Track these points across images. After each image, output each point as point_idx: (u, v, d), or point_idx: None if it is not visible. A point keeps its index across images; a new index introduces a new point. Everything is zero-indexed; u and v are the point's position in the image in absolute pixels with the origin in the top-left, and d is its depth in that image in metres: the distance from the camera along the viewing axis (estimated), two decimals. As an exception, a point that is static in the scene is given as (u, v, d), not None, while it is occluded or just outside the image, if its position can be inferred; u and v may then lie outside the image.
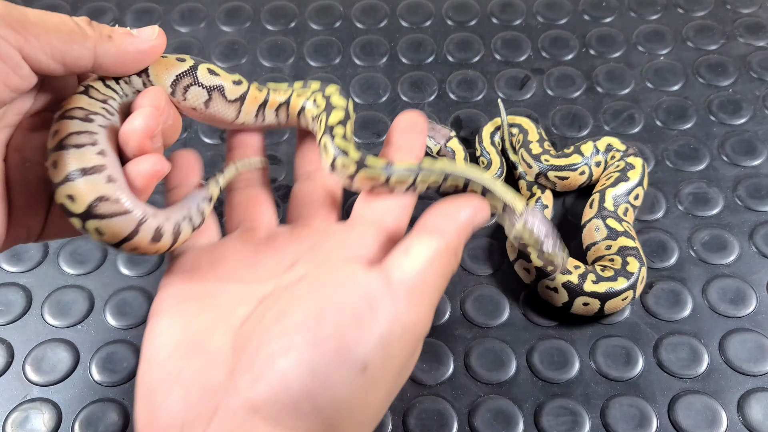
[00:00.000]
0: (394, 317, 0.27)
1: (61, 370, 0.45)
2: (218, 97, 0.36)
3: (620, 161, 0.51)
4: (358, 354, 0.26)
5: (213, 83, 0.35)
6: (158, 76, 0.34)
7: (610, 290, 0.44)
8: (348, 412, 0.26)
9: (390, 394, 0.29)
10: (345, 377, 0.26)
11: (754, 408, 0.43)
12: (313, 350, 0.26)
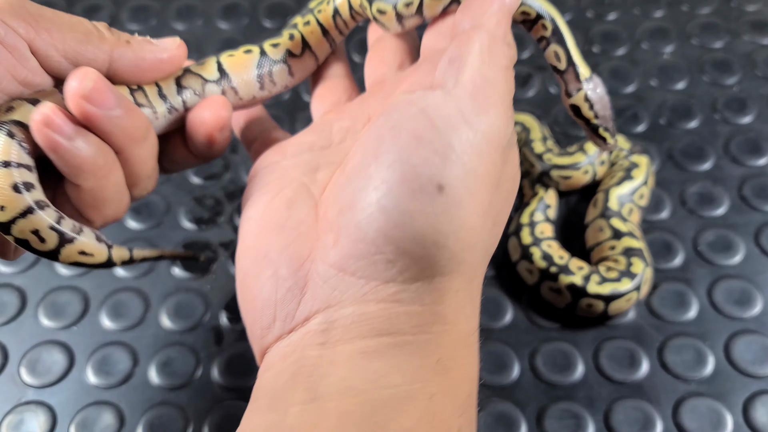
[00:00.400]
0: (461, 126, 0.24)
1: (56, 372, 0.44)
2: (293, 61, 0.36)
3: (625, 160, 0.51)
4: (427, 174, 0.24)
5: (281, 53, 0.36)
6: (239, 75, 0.35)
7: (614, 292, 0.44)
8: (436, 242, 0.24)
9: (490, 213, 0.25)
10: (420, 204, 0.23)
11: (760, 411, 0.42)
12: (378, 187, 0.24)
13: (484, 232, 0.25)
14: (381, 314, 0.24)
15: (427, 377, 0.23)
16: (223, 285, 0.48)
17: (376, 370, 0.23)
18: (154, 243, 0.50)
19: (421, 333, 0.24)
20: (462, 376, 0.24)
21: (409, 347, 0.23)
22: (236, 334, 0.46)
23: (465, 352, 0.24)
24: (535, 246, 0.47)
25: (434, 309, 0.24)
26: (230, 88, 0.35)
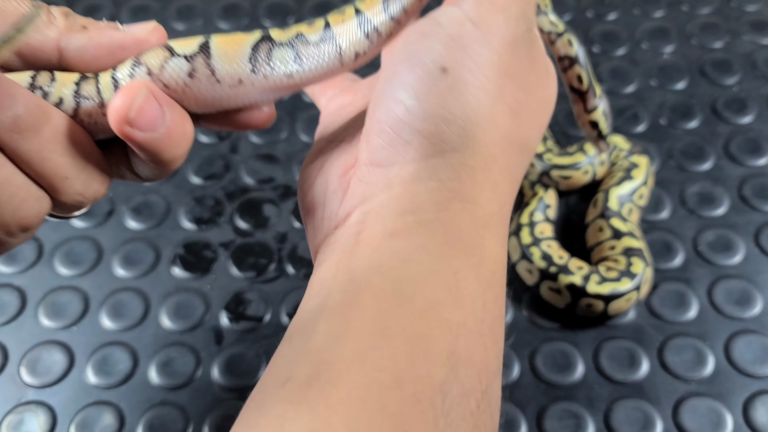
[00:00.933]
0: (464, 22, 0.27)
1: (56, 372, 0.44)
2: (302, 45, 0.29)
3: (624, 160, 0.51)
4: (430, 59, 0.26)
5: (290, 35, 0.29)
6: (228, 56, 0.28)
7: (614, 291, 0.44)
8: (444, 117, 0.26)
9: (503, 100, 0.27)
10: (427, 86, 0.26)
11: (760, 411, 0.42)
12: (393, 82, 0.27)
13: (496, 114, 0.27)
14: (404, 194, 0.26)
15: (450, 254, 0.24)
16: (223, 285, 0.48)
17: (403, 249, 0.25)
18: (154, 243, 0.50)
19: (441, 210, 0.25)
20: (485, 255, 0.25)
21: (431, 225, 0.25)
22: (236, 334, 0.46)
23: (487, 232, 0.26)
24: (535, 246, 0.47)
25: (451, 185, 0.26)
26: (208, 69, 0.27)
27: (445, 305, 0.23)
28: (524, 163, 0.29)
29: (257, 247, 0.50)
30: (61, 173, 0.27)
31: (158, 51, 0.27)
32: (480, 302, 0.24)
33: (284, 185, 0.53)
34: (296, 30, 0.29)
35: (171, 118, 0.27)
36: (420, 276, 0.24)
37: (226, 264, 0.49)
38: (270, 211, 0.52)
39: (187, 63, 0.27)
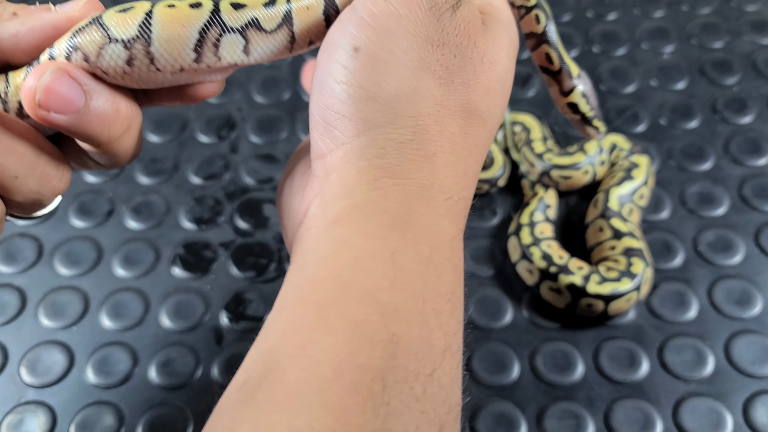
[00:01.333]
0: (374, 1, 0.27)
1: (56, 372, 0.44)
2: (254, 33, 0.27)
3: (625, 160, 0.51)
4: (342, 41, 0.26)
5: (244, 20, 0.27)
6: (170, 43, 0.26)
7: (614, 291, 0.44)
8: (360, 96, 0.26)
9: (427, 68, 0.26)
10: (339, 66, 0.26)
11: (760, 411, 0.42)
12: (316, 70, 0.27)
13: (421, 84, 0.26)
14: (338, 179, 0.26)
15: (385, 234, 0.24)
16: (223, 285, 0.48)
17: (342, 235, 0.25)
18: (154, 243, 0.50)
19: (371, 190, 0.25)
20: (422, 231, 0.25)
21: (365, 207, 0.25)
22: (236, 334, 0.46)
23: (423, 206, 0.25)
24: (535, 246, 0.47)
25: (378, 163, 0.25)
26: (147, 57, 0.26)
27: (382, 288, 0.23)
28: (474, 129, 0.27)
29: (257, 247, 0.50)
30: (9, 173, 0.26)
31: (94, 33, 0.26)
32: (420, 281, 0.24)
33: (284, 185, 0.53)
34: (251, 12, 0.27)
35: (95, 96, 0.25)
36: (357, 260, 0.24)
37: (226, 264, 0.49)
38: (270, 211, 0.52)
39: (124, 50, 0.26)
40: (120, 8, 0.26)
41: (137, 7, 0.26)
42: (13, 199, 0.27)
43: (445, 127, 0.27)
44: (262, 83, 0.59)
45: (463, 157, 0.27)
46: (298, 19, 0.28)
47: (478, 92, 0.28)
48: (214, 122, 0.57)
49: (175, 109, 0.58)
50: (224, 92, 0.59)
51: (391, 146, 0.26)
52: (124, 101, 0.27)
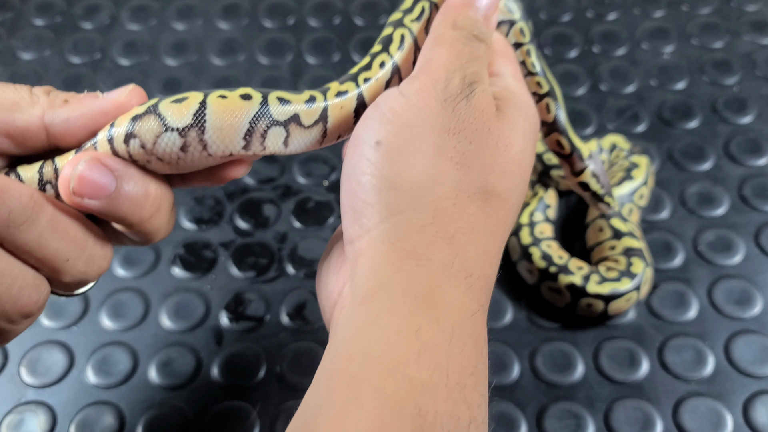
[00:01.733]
0: (395, 96, 0.29)
1: (56, 372, 0.44)
2: (295, 127, 0.30)
3: (625, 160, 0.51)
4: (366, 136, 0.29)
5: (288, 115, 0.30)
6: (223, 131, 0.28)
7: (614, 291, 0.44)
8: (382, 186, 0.28)
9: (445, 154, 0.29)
10: (364, 159, 0.28)
11: (760, 411, 0.42)
12: (344, 163, 0.30)
13: (439, 171, 0.28)
14: (366, 262, 0.28)
15: (410, 312, 0.26)
16: (223, 285, 0.48)
17: (370, 313, 0.26)
18: (154, 243, 0.50)
19: (396, 271, 0.27)
20: (445, 308, 0.26)
21: (390, 288, 0.26)
22: (236, 334, 0.46)
23: (446, 284, 0.27)
24: (535, 246, 0.47)
25: (401, 246, 0.27)
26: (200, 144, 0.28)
27: (409, 363, 0.24)
28: (493, 209, 0.29)
29: (257, 247, 0.50)
30: (62, 257, 0.28)
31: (152, 122, 0.28)
32: (444, 356, 0.25)
33: (284, 185, 0.53)
34: (294, 108, 0.30)
35: (126, 182, 0.28)
36: (385, 337, 0.25)
37: (226, 264, 0.49)
38: (270, 211, 0.52)
39: (179, 138, 0.28)
40: (174, 98, 0.29)
41: (191, 98, 0.29)
42: (62, 280, 0.29)
43: (464, 209, 0.28)
44: (262, 83, 0.59)
45: (483, 237, 0.28)
46: (332, 117, 0.31)
47: (495, 174, 0.29)
48: (214, 122, 0.57)
49: (175, 109, 0.58)
50: (224, 92, 0.59)
51: (413, 230, 0.27)
52: (153, 184, 0.29)
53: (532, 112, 0.33)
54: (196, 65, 0.61)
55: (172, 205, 0.31)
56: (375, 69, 0.32)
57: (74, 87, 0.59)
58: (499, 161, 0.29)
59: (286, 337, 0.46)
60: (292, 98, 0.30)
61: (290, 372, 0.44)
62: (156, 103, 0.28)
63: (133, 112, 0.28)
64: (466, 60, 0.30)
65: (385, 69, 0.33)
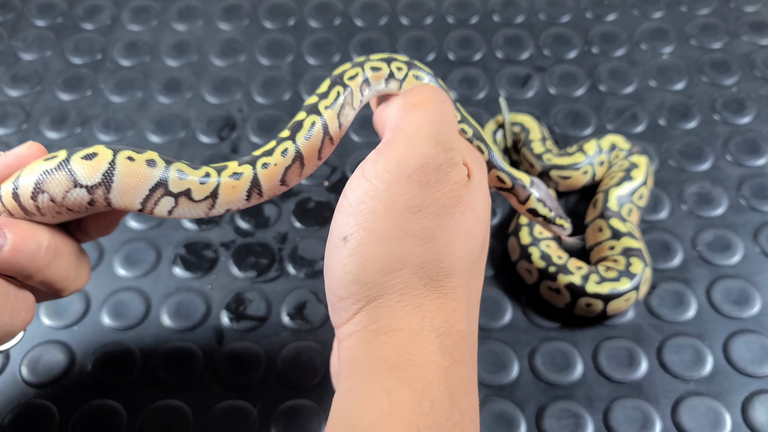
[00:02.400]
0: (360, 180, 0.31)
1: (58, 371, 0.44)
2: (184, 200, 0.33)
3: (624, 160, 0.51)
4: (334, 231, 0.31)
5: (182, 188, 0.32)
6: (126, 194, 0.31)
7: (613, 291, 0.44)
8: (349, 281, 0.30)
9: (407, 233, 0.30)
10: (335, 256, 0.31)
11: (758, 410, 0.42)
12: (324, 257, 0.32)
13: (404, 250, 0.30)
14: (345, 347, 0.30)
15: (381, 378, 0.28)
16: (223, 285, 0.48)
17: (348, 386, 0.29)
18: (155, 243, 0.50)
19: (368, 345, 0.29)
20: (414, 368, 0.28)
21: (364, 361, 0.29)
22: (237, 333, 0.46)
23: (412, 348, 0.28)
24: (534, 246, 0.47)
25: (373, 327, 0.30)
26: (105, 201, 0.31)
27: (381, 424, 0.26)
28: (458, 273, 0.30)
29: (258, 247, 0.50)
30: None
31: (62, 179, 0.30)
32: (414, 414, 0.27)
33: (284, 185, 0.53)
34: (189, 183, 0.32)
35: (14, 236, 0.30)
36: (360, 404, 0.27)
37: (226, 264, 0.49)
38: (271, 211, 0.52)
39: (87, 194, 0.31)
40: (84, 153, 0.31)
41: (101, 155, 0.31)
42: None
43: (431, 278, 0.30)
44: (262, 84, 0.59)
45: (451, 299, 0.30)
46: (223, 194, 0.33)
47: (461, 239, 0.30)
48: (215, 123, 0.57)
49: (175, 110, 0.58)
50: (225, 92, 0.59)
51: (383, 312, 0.30)
52: (45, 233, 0.31)
53: (484, 166, 0.34)
54: (197, 66, 0.61)
55: (78, 254, 0.34)
56: (276, 155, 0.34)
57: (75, 87, 0.59)
58: (465, 227, 0.31)
59: (287, 337, 0.46)
60: (189, 172, 0.32)
61: (290, 372, 0.44)
62: (68, 158, 0.31)
63: (41, 166, 0.30)
64: (439, 127, 0.31)
65: (286, 156, 0.34)
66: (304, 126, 0.35)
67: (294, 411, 0.43)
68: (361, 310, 0.30)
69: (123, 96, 0.59)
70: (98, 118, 0.57)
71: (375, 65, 0.36)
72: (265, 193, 0.35)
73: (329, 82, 0.36)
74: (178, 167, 0.32)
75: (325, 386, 0.44)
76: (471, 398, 0.29)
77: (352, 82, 0.35)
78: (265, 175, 0.34)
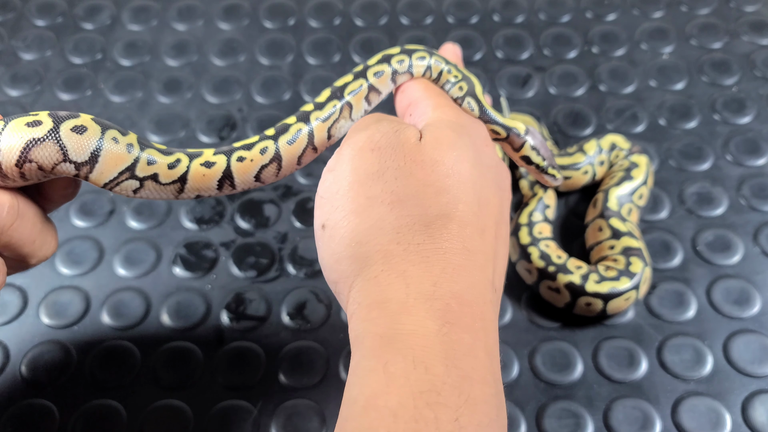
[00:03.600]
0: (325, 173, 0.33)
1: (57, 371, 0.44)
2: (151, 183, 0.33)
3: (624, 160, 0.51)
4: (316, 223, 0.33)
5: (149, 172, 0.33)
6: (103, 174, 0.32)
7: (612, 290, 0.44)
8: (332, 263, 0.32)
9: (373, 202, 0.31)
10: (320, 244, 0.33)
11: (758, 410, 0.42)
12: None
13: (376, 218, 0.31)
14: (351, 330, 0.30)
15: (377, 352, 0.28)
16: (223, 285, 0.48)
17: (353, 366, 0.29)
18: (155, 243, 0.50)
19: (363, 322, 0.30)
20: (406, 338, 0.28)
21: (362, 337, 0.29)
22: (237, 333, 0.46)
23: (402, 317, 0.29)
24: (533, 246, 0.47)
25: (365, 302, 0.30)
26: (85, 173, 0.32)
27: (380, 396, 0.27)
28: (439, 230, 0.30)
29: (258, 246, 0.50)
30: None
31: (52, 151, 0.31)
32: (408, 383, 0.27)
33: (285, 185, 0.53)
34: (156, 168, 0.33)
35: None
36: (360, 379, 0.28)
37: (226, 264, 0.49)
38: (271, 211, 0.52)
39: (74, 169, 0.31)
40: (72, 125, 0.31)
41: (90, 131, 0.31)
42: None
43: (409, 242, 0.30)
44: (262, 83, 0.59)
45: (436, 260, 0.30)
46: (192, 180, 0.34)
47: (429, 196, 0.31)
48: (215, 122, 0.57)
49: (175, 109, 0.58)
50: (225, 92, 0.59)
51: (371, 285, 0.30)
52: (6, 195, 0.31)
53: (460, 124, 0.34)
54: (197, 66, 0.61)
55: (42, 218, 0.34)
56: (255, 151, 0.35)
57: (76, 87, 0.59)
58: (430, 182, 0.31)
59: (287, 337, 0.46)
60: (159, 158, 0.33)
61: (290, 371, 0.44)
62: (56, 127, 0.31)
63: (26, 133, 0.30)
64: (375, 120, 0.34)
65: (264, 154, 0.35)
66: (290, 130, 0.35)
67: (294, 411, 0.43)
68: (353, 287, 0.31)
69: (123, 96, 0.59)
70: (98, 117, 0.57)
71: (376, 70, 0.37)
72: (239, 186, 0.35)
73: (329, 93, 0.37)
74: (149, 153, 0.33)
75: (326, 386, 0.44)
76: (473, 360, 0.28)
77: (353, 97, 0.37)
78: (239, 168, 0.34)
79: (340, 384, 0.43)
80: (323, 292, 0.48)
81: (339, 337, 0.45)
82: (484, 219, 0.32)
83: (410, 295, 0.29)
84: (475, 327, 0.29)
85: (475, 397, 0.27)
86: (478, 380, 0.28)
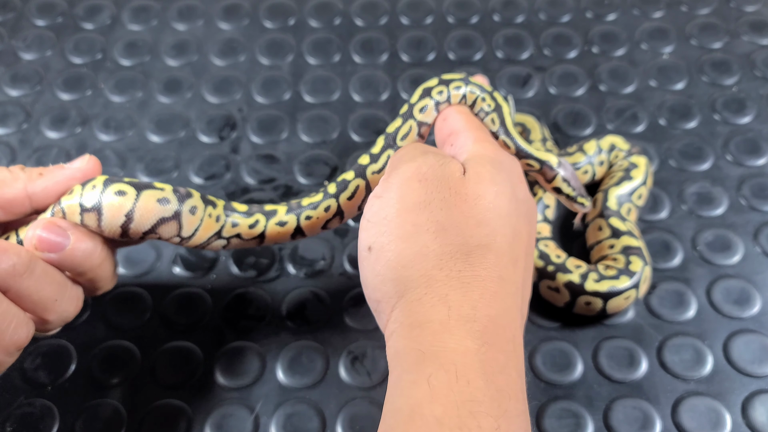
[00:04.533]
0: (371, 198, 0.35)
1: (57, 372, 0.44)
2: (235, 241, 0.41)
3: (624, 160, 0.51)
4: (360, 246, 0.35)
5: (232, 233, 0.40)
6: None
7: (612, 289, 0.44)
8: (377, 283, 0.34)
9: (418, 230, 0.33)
10: (364, 262, 0.35)
11: (758, 410, 0.42)
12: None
13: (420, 245, 0.33)
14: (390, 347, 0.33)
15: (420, 367, 0.30)
16: (223, 285, 0.48)
17: (394, 378, 0.32)
18: (155, 242, 0.50)
19: (405, 339, 0.32)
20: (448, 354, 0.30)
21: (403, 353, 0.32)
22: (236, 333, 0.46)
23: (444, 336, 0.31)
24: (535, 246, 0.47)
25: (407, 321, 0.32)
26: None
27: (424, 406, 0.29)
28: (478, 259, 0.33)
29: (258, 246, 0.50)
30: (51, 297, 0.35)
31: (174, 228, 0.38)
32: (452, 393, 0.29)
33: (285, 185, 0.53)
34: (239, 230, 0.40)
35: (74, 237, 0.36)
36: (404, 390, 0.30)
37: (227, 264, 0.49)
38: (270, 211, 0.52)
39: (179, 240, 0.39)
40: (190, 206, 0.38)
41: (199, 210, 0.38)
42: (48, 318, 0.35)
43: (451, 269, 0.32)
44: (263, 83, 0.59)
45: (475, 287, 0.32)
46: (270, 235, 0.41)
47: (471, 228, 0.33)
48: (215, 122, 0.57)
49: (175, 109, 0.58)
50: (225, 92, 0.59)
51: (413, 306, 0.32)
52: (99, 243, 0.37)
53: (499, 161, 0.37)
54: (197, 66, 0.61)
55: (115, 260, 0.39)
56: (320, 210, 0.40)
57: (76, 87, 0.59)
58: (472, 214, 0.33)
59: (287, 337, 0.46)
60: (241, 221, 0.40)
61: (290, 372, 0.44)
62: (180, 211, 0.37)
63: (159, 212, 0.37)
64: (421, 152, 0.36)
65: (328, 212, 0.41)
66: (349, 187, 0.40)
67: (294, 411, 0.43)
68: (395, 308, 0.33)
69: (123, 96, 0.59)
70: (98, 117, 0.57)
71: (421, 106, 0.41)
72: (309, 236, 0.42)
73: (383, 143, 0.40)
74: (234, 218, 0.40)
75: (326, 386, 0.44)
76: (507, 378, 0.31)
77: (406, 140, 0.40)
78: (308, 225, 0.41)
79: (340, 384, 0.43)
80: (323, 293, 0.48)
81: (339, 337, 0.45)
82: (517, 250, 0.35)
83: (451, 316, 0.31)
84: (508, 348, 0.32)
85: (510, 411, 0.30)
86: (512, 396, 0.30)
